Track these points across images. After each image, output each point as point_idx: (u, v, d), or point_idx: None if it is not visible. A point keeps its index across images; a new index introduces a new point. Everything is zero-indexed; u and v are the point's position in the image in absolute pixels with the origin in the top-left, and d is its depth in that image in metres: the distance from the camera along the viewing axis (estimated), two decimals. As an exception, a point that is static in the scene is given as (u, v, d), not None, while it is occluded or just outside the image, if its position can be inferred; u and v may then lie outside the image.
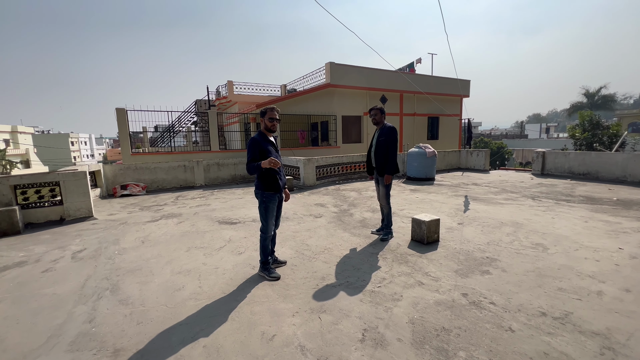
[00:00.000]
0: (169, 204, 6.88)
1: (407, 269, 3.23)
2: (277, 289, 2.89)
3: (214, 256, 3.71)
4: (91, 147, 66.68)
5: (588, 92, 41.29)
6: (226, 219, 5.38)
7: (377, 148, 4.05)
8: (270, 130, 3.08)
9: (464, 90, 17.54)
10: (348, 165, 9.71)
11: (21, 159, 38.36)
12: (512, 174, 10.41)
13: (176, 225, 5.09)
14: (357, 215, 5.41)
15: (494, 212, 5.35)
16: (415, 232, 4.04)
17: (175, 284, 3.01)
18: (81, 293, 2.88)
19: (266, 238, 3.09)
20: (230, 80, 16.34)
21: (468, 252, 3.62)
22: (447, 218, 5.06)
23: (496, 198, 6.54)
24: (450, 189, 7.72)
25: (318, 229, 4.68)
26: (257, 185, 3.07)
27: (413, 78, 15.76)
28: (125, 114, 9.39)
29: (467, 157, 12.00)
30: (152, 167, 8.76)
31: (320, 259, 3.57)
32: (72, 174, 5.46)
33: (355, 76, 13.51)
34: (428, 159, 9.07)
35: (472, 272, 3.13)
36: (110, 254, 3.87)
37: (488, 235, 4.19)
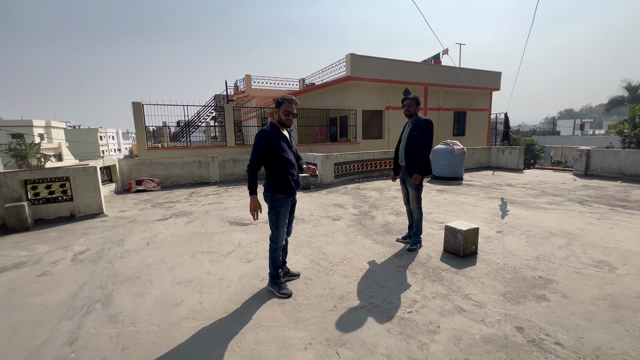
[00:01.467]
0: (182, 201, 6.64)
1: (442, 289, 2.71)
2: (288, 309, 2.46)
3: (220, 264, 3.33)
4: (118, 142, 69.33)
5: (630, 85, 38.00)
6: (238, 219, 5.03)
7: (409, 143, 3.51)
8: (284, 124, 2.61)
9: (494, 82, 16.40)
10: (368, 162, 9.16)
11: (54, 153, 40.36)
12: (550, 174, 9.47)
13: (185, 225, 4.79)
14: (379, 219, 4.90)
15: (537, 219, 4.67)
16: (449, 243, 3.49)
17: (174, 298, 2.65)
18: (70, 305, 2.57)
19: (276, 249, 2.66)
20: (248, 74, 16.08)
21: (515, 270, 3.04)
22: (483, 225, 4.45)
23: (537, 202, 5.80)
24: (482, 190, 7.02)
25: (336, 234, 4.22)
26: (266, 187, 2.62)
27: (439, 70, 14.86)
28: (142, 108, 9.28)
29: (498, 155, 11.09)
30: (167, 162, 8.60)
31: (338, 271, 3.11)
32: (82, 169, 5.28)
33: (376, 68, 12.84)
34: (456, 156, 8.35)
35: (524, 296, 2.56)
36: (112, 256, 3.59)
37: (536, 248, 3.57)
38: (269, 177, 2.58)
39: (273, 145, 2.49)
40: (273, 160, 2.53)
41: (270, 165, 2.55)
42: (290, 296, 2.63)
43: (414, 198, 3.59)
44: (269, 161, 2.54)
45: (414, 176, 3.44)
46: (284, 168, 2.55)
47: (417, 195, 3.57)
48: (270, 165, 2.55)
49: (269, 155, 2.51)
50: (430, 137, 3.43)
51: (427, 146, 3.41)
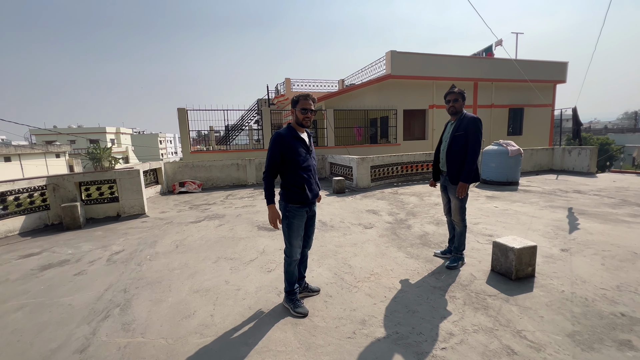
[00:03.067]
0: (217, 203, 6.79)
1: (486, 321, 2.24)
2: (301, 331, 2.21)
3: (240, 272, 3.21)
4: (175, 145, 75.74)
5: None
6: (266, 224, 4.93)
7: (452, 145, 3.04)
8: (302, 124, 2.36)
9: (559, 74, 14.49)
10: (408, 165, 8.57)
11: (122, 156, 45.42)
12: (632, 179, 7.96)
13: (215, 229, 4.81)
14: (416, 228, 4.43)
15: (617, 235, 3.83)
16: (497, 262, 2.95)
17: (187, 308, 2.56)
18: (93, 307, 2.62)
19: (291, 263, 2.43)
20: (287, 78, 16.29)
21: (586, 302, 2.44)
22: (544, 240, 3.76)
23: (616, 213, 4.82)
24: (542, 198, 6.08)
25: (366, 244, 3.88)
26: (280, 195, 2.41)
27: (491, 63, 13.54)
28: (186, 113, 9.81)
29: (564, 157, 9.67)
30: (208, 165, 8.94)
31: (363, 288, 2.78)
32: (127, 172, 5.63)
33: (419, 65, 12.09)
34: (510, 158, 7.40)
35: (601, 340, 2.00)
36: (142, 258, 3.68)
37: (615, 274, 2.86)
38: (282, 185, 2.38)
39: (286, 148, 2.27)
40: (286, 166, 2.31)
41: (283, 171, 2.34)
42: (305, 316, 2.37)
43: (457, 208, 3.11)
44: (283, 167, 2.32)
45: (460, 185, 2.94)
46: (298, 174, 2.31)
47: (460, 206, 3.09)
48: (284, 172, 2.34)
49: (282, 160, 2.30)
50: (478, 139, 2.92)
51: (475, 149, 2.91)
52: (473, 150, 2.91)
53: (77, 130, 46.92)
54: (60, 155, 25.72)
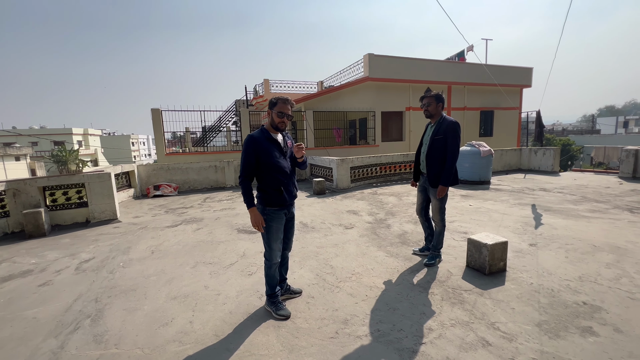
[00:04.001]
0: (195, 207, 6.60)
1: (463, 315, 2.34)
2: (284, 334, 2.19)
3: (220, 276, 3.14)
4: (148, 147, 72.77)
5: (683, 77, 34.42)
6: (246, 227, 4.85)
7: (431, 149, 3.08)
8: (277, 128, 2.33)
9: (524, 79, 15.35)
10: (387, 165, 8.75)
11: (91, 159, 42.98)
12: (591, 177, 8.58)
13: (193, 233, 4.68)
14: (395, 228, 4.54)
15: (578, 230, 4.11)
16: (472, 258, 3.08)
17: (165, 315, 2.47)
18: (61, 320, 2.46)
19: (271, 266, 2.41)
20: (266, 79, 16.14)
21: (552, 292, 2.60)
22: (514, 236, 3.97)
23: (577, 209, 5.17)
24: (512, 196, 6.41)
25: (347, 245, 3.91)
26: (257, 198, 2.35)
27: (463, 67, 14.12)
28: (160, 114, 9.47)
29: (530, 157, 10.25)
30: (184, 167, 8.67)
31: (345, 288, 2.81)
32: (96, 175, 5.35)
33: (396, 68, 12.38)
34: (483, 158, 7.75)
35: (566, 328, 2.14)
36: (115, 266, 3.51)
37: (577, 265, 3.07)
38: (259, 188, 2.33)
39: (260, 151, 2.23)
40: (262, 169, 2.27)
41: (259, 174, 2.31)
42: (287, 318, 2.36)
43: (437, 209, 3.17)
44: (259, 170, 2.29)
45: (440, 189, 3.01)
46: (274, 177, 2.28)
47: (440, 206, 3.15)
48: (260, 175, 2.31)
49: (258, 163, 2.26)
50: (457, 142, 2.97)
51: (454, 153, 2.97)
52: (452, 154, 2.97)
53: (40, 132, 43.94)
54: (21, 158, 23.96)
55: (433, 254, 3.29)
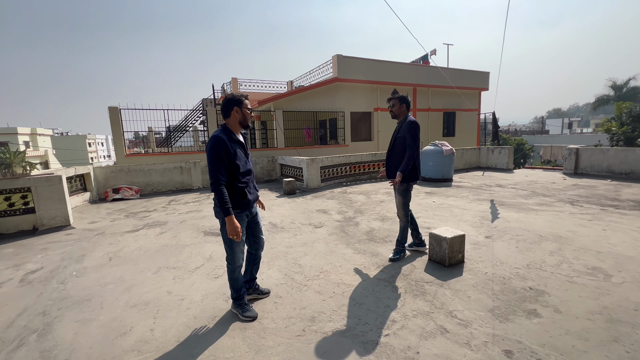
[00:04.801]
0: (159, 210, 6.30)
1: (424, 305, 2.46)
2: (250, 335, 2.17)
3: (184, 281, 3.03)
4: (108, 148, 68.01)
5: (615, 84, 38.87)
6: (213, 229, 4.72)
7: (394, 147, 3.30)
8: (246, 125, 2.29)
9: (482, 83, 16.38)
10: (356, 165, 8.92)
11: (40, 161, 39.30)
12: (540, 174, 9.36)
13: (156, 237, 4.46)
14: (363, 225, 4.65)
15: (528, 222, 4.47)
16: (433, 251, 3.24)
17: (123, 324, 2.34)
18: (1, 337, 2.25)
19: (234, 269, 2.36)
20: (234, 78, 15.78)
21: (504, 280, 2.81)
22: (472, 229, 4.23)
23: (527, 203, 5.62)
24: (471, 192, 6.82)
25: (316, 243, 3.95)
26: (216, 201, 2.21)
27: (427, 71, 14.77)
28: (119, 112, 8.92)
29: (488, 155, 10.97)
30: (147, 169, 8.23)
31: (313, 286, 2.84)
32: (45, 179, 4.92)
33: (364, 69, 12.67)
34: (445, 157, 8.17)
35: (514, 312, 2.32)
36: (66, 276, 3.26)
37: (526, 254, 3.34)
38: None
39: (228, 153, 2.14)
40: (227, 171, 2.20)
41: None
42: (254, 319, 2.34)
43: (400, 205, 3.30)
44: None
45: (397, 175, 3.08)
46: (238, 179, 2.23)
47: (403, 202, 3.29)
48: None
49: (227, 165, 2.17)
50: (415, 140, 3.12)
51: (411, 149, 3.11)
52: (410, 147, 3.12)
53: (-22, 131, 39.51)
54: (-46, 160, 21.35)
55: (398, 249, 3.41)
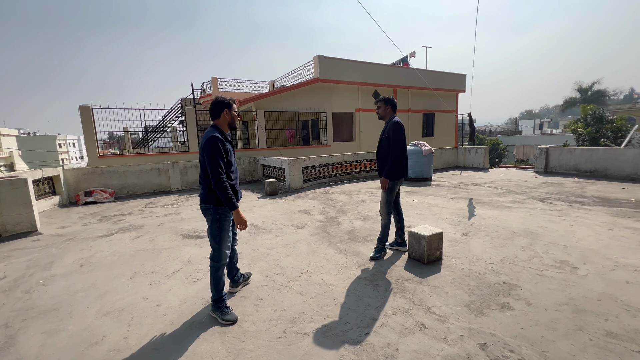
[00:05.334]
0: (135, 213, 6.07)
1: (404, 303, 2.50)
2: (230, 339, 2.13)
3: (161, 286, 2.93)
4: (80, 149, 64.82)
5: (581, 87, 41.30)
6: (193, 232, 4.61)
7: (379, 147, 3.42)
8: (234, 127, 2.43)
9: (459, 85, 16.91)
10: (338, 165, 8.97)
11: (4, 163, 36.90)
12: (513, 172, 9.78)
13: (131, 241, 4.30)
14: (345, 225, 4.68)
15: (502, 219, 4.65)
16: (413, 249, 3.31)
17: (94, 334, 2.23)
18: (-42, 352, 2.09)
19: (219, 268, 2.35)
20: (214, 77, 15.45)
21: (479, 275, 2.91)
22: (450, 227, 4.35)
23: (502, 200, 5.85)
24: (449, 191, 7.03)
25: (298, 244, 3.93)
26: (205, 199, 2.30)
27: (407, 72, 15.08)
28: (91, 112, 8.52)
29: (465, 155, 11.34)
30: (122, 170, 7.92)
31: (294, 287, 2.82)
32: (8, 181, 4.63)
33: (345, 70, 12.77)
34: (424, 157, 8.37)
35: (488, 306, 2.41)
36: (32, 284, 3.08)
37: (500, 250, 3.48)
38: (211, 188, 2.25)
39: (225, 150, 2.26)
40: None
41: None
42: (234, 322, 2.30)
43: (383, 202, 3.38)
44: None
45: (381, 180, 3.28)
46: (230, 177, 2.35)
47: (386, 200, 3.36)
48: None
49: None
50: (399, 140, 3.21)
51: (395, 149, 3.20)
52: (394, 150, 3.20)
53: None
54: None
55: (378, 248, 3.46)
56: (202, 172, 2.29)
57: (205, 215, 2.35)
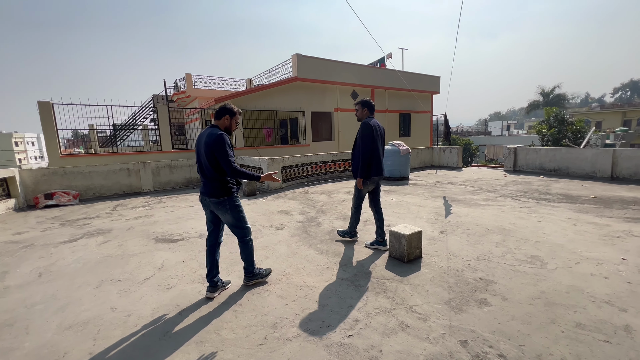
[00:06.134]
0: (102, 216, 5.70)
1: (386, 302, 2.50)
2: (207, 348, 2.02)
3: (131, 294, 2.75)
4: (40, 148, 60.33)
5: (544, 91, 44.16)
6: (166, 235, 4.39)
7: (354, 147, 3.59)
8: (229, 132, 2.66)
9: (434, 86, 17.43)
10: (318, 164, 8.94)
11: (-50, 163, 33.54)
12: (485, 171, 10.21)
13: (98, 247, 4.02)
14: (325, 225, 4.64)
15: (476, 216, 4.82)
16: (393, 248, 3.33)
17: (55, 350, 2.04)
18: None
19: (249, 241, 2.77)
20: (188, 73, 14.89)
21: (457, 272, 2.97)
22: (428, 225, 4.44)
23: (475, 199, 6.07)
24: (426, 189, 7.20)
25: (278, 246, 3.85)
26: (218, 193, 2.52)
27: (384, 73, 15.32)
28: (51, 108, 7.91)
29: (440, 155, 11.70)
30: (87, 171, 7.41)
31: (275, 291, 2.74)
32: (-47, 184, 4.16)
33: (324, 70, 12.75)
34: (402, 156, 8.53)
35: (467, 302, 2.46)
36: (-18, 298, 2.78)
37: (476, 247, 3.59)
38: (226, 180, 2.55)
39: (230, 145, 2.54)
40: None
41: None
42: (271, 271, 3.03)
43: (354, 196, 3.74)
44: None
45: (357, 180, 3.54)
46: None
47: (357, 195, 3.71)
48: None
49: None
50: (365, 140, 3.38)
51: (363, 149, 3.38)
52: (361, 148, 3.40)
53: None
54: None
55: (346, 231, 3.93)
56: (211, 169, 2.47)
57: (219, 208, 2.58)
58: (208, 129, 2.54)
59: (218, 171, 2.47)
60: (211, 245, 2.69)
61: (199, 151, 2.53)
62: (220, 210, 2.57)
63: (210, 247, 2.69)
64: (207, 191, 2.53)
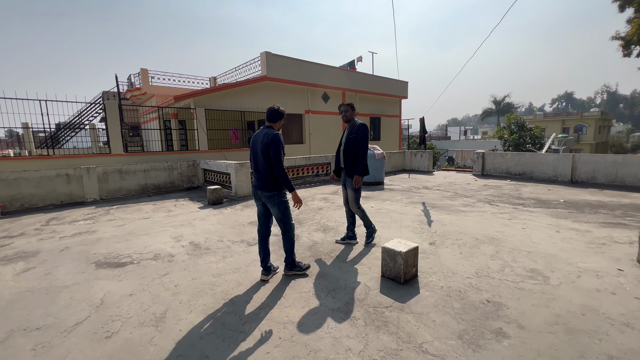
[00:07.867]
0: (28, 234, 4.66)
1: (390, 341, 2.06)
2: None
3: (53, 350, 2.03)
4: (-37, 149, 52.29)
5: (496, 99, 47.71)
6: (111, 258, 3.59)
7: (347, 147, 3.66)
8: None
9: (402, 91, 17.71)
10: (289, 169, 8.40)
11: None
12: (455, 175, 10.35)
13: (15, 278, 3.14)
14: (304, 239, 4.14)
15: (460, 224, 4.61)
16: (387, 267, 2.93)
17: None
18: None
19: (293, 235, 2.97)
20: (144, 69, 13.53)
21: (461, 294, 2.64)
22: (415, 236, 4.12)
23: (454, 204, 5.94)
24: (403, 195, 6.99)
25: (251, 267, 3.27)
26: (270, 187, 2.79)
27: (355, 76, 15.21)
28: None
29: (412, 159, 11.74)
30: (13, 177, 6.17)
31: (251, 332, 2.19)
32: None
33: (294, 70, 12.26)
34: (377, 161, 8.29)
35: (482, 335, 2.11)
36: None
37: (471, 261, 3.31)
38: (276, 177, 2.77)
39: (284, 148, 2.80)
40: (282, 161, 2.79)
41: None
42: (309, 267, 3.09)
43: (353, 199, 3.68)
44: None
45: (355, 178, 3.55)
46: None
47: (355, 197, 3.67)
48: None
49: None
50: (366, 140, 3.57)
51: (363, 148, 3.55)
52: (362, 150, 3.55)
53: None
54: None
55: (369, 233, 3.84)
56: (265, 166, 2.76)
57: (269, 201, 2.84)
58: (264, 129, 2.86)
59: (271, 167, 2.76)
60: (263, 236, 2.97)
61: (255, 149, 2.83)
62: (270, 202, 2.84)
63: (262, 237, 2.97)
64: (260, 185, 2.83)
